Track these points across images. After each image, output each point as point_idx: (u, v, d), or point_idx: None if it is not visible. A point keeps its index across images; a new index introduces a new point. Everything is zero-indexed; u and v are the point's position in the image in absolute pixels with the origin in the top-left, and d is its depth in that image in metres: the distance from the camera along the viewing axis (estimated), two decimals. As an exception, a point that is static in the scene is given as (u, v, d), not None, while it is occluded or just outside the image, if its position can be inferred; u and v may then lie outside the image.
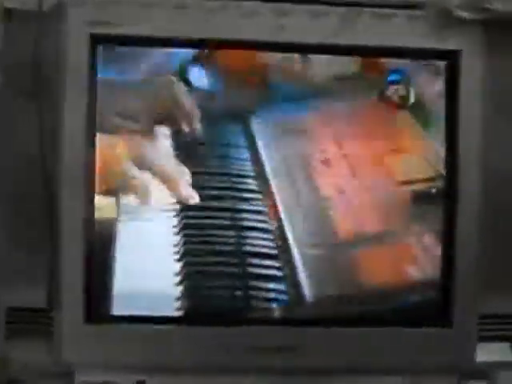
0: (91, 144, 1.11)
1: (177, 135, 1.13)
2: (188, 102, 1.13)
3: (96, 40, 1.10)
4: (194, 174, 1.13)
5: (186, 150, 1.13)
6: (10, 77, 1.13)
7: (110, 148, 1.12)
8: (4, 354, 1.14)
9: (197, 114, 1.13)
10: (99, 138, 1.11)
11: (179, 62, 1.13)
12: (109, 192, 1.12)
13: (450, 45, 1.14)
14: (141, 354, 1.12)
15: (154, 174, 1.13)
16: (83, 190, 1.10)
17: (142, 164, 1.12)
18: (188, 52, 1.13)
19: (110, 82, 1.12)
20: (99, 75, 1.11)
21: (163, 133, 1.13)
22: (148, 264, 1.12)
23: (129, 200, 1.12)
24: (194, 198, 1.13)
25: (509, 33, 1.15)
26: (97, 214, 1.11)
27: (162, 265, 1.12)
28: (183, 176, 1.12)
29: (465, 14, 1.13)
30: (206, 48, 1.13)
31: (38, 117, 1.11)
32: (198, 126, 1.13)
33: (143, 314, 1.12)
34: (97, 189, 1.11)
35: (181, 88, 1.13)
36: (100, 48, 1.11)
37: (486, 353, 1.19)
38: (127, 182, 1.12)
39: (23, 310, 1.14)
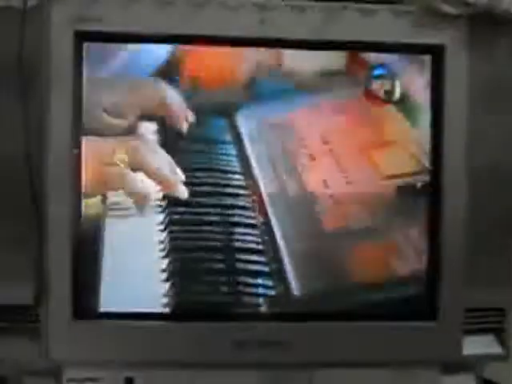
0: (77, 142, 1.11)
1: (163, 132, 1.13)
2: (173, 98, 1.13)
3: (80, 37, 1.10)
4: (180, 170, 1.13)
5: (171, 146, 1.13)
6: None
7: (96, 146, 1.12)
8: (-9, 351, 1.14)
9: (183, 110, 1.13)
10: (86, 137, 1.11)
11: (163, 58, 1.13)
12: (96, 189, 1.12)
13: (434, 39, 1.14)
14: (129, 351, 1.12)
15: (143, 171, 1.13)
16: (70, 186, 1.10)
17: (130, 162, 1.12)
18: (172, 48, 1.13)
19: (95, 79, 1.11)
20: (84, 72, 1.11)
21: (149, 129, 1.13)
22: (135, 260, 1.12)
23: (116, 197, 1.12)
24: (184, 194, 1.13)
25: (493, 27, 1.15)
26: (83, 211, 1.11)
27: (149, 261, 1.12)
28: (173, 173, 1.13)
29: (449, 9, 1.13)
30: (190, 44, 1.13)
31: (24, 115, 1.11)
32: (184, 122, 1.13)
33: (131, 310, 1.12)
34: (83, 186, 1.11)
35: (166, 85, 1.13)
36: (84, 45, 1.11)
37: (473, 345, 1.20)
38: (115, 179, 1.12)
39: (10, 307, 1.14)
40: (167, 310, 1.13)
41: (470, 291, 1.17)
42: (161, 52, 1.13)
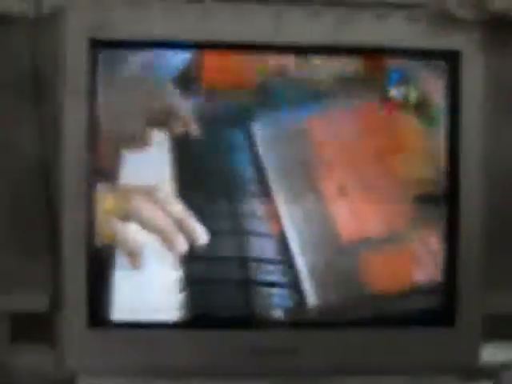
0: (92, 148, 1.11)
1: (173, 140, 1.13)
2: (186, 105, 1.12)
3: (94, 44, 1.10)
4: (192, 179, 1.13)
5: (183, 153, 1.13)
6: (10, 83, 1.13)
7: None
8: (7, 359, 1.15)
9: (194, 117, 1.12)
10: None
11: (178, 65, 1.12)
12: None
13: (449, 45, 1.13)
14: (144, 359, 1.12)
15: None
16: (85, 195, 1.10)
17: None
18: (186, 55, 1.13)
19: (109, 86, 1.11)
20: (98, 79, 1.11)
21: (159, 137, 1.13)
22: (151, 269, 1.12)
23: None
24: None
25: (507, 31, 1.14)
26: (98, 220, 1.11)
27: (166, 269, 1.12)
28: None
29: (464, 14, 1.12)
30: (205, 50, 1.13)
31: (39, 123, 1.11)
32: (196, 129, 1.12)
33: (146, 318, 1.12)
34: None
35: (179, 92, 1.12)
36: (99, 52, 1.11)
37: (491, 352, 1.19)
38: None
39: (26, 316, 1.15)
40: (182, 318, 1.12)
41: (489, 298, 1.16)
42: (174, 58, 1.12)
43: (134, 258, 1.10)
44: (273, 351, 1.12)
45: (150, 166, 1.13)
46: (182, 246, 1.11)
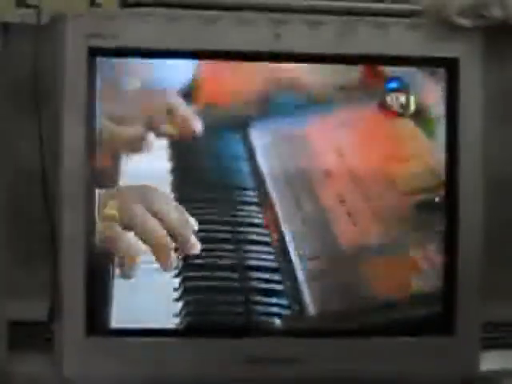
0: (91, 156, 1.11)
1: (173, 146, 1.13)
2: (185, 113, 1.12)
3: (94, 53, 1.10)
4: (191, 186, 1.13)
5: (183, 161, 1.13)
6: (9, 91, 1.13)
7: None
8: (6, 367, 1.14)
9: (194, 126, 1.12)
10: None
11: (178, 73, 1.13)
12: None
13: (448, 52, 1.14)
14: (141, 367, 1.12)
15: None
16: (84, 204, 1.10)
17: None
18: (187, 63, 1.13)
19: (109, 94, 1.11)
20: (97, 88, 1.11)
21: (159, 143, 1.13)
22: (149, 277, 1.12)
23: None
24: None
25: (507, 39, 1.15)
26: (98, 227, 1.11)
27: (163, 277, 1.12)
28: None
29: (463, 22, 1.12)
30: (205, 59, 1.13)
31: (38, 130, 1.11)
32: (195, 137, 1.12)
33: (143, 326, 1.12)
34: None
35: (180, 99, 1.12)
36: (98, 60, 1.11)
37: (491, 361, 1.19)
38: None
39: (25, 324, 1.14)
40: (180, 326, 1.12)
41: (488, 306, 1.16)
42: (174, 67, 1.13)
43: (129, 266, 1.10)
44: (271, 360, 1.12)
45: (149, 173, 1.12)
46: (173, 263, 1.11)
